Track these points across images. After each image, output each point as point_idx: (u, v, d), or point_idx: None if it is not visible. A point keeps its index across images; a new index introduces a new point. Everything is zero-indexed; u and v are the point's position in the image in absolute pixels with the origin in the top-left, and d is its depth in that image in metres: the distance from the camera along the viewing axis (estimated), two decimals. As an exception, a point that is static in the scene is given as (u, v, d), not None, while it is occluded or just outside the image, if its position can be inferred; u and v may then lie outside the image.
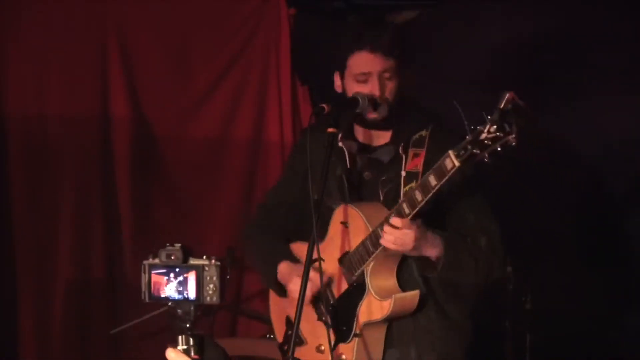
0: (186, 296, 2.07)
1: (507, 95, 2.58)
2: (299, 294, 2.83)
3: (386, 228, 2.89)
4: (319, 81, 5.08)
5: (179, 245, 2.09)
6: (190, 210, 5.09)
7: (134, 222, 4.99)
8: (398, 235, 2.87)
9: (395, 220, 2.88)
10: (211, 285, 2.06)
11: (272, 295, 3.37)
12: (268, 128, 5.09)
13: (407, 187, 3.00)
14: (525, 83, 4.58)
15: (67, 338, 4.90)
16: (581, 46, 4.44)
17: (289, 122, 5.07)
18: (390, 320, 3.04)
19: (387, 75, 3.04)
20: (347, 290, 3.08)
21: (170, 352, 2.01)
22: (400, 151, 3.07)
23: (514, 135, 2.59)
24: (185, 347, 2.08)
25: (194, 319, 2.08)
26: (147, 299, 2.08)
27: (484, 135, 2.62)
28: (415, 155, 3.05)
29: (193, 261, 2.06)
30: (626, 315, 4.39)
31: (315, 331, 3.15)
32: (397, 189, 3.04)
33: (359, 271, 3.02)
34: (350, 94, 3.08)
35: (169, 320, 2.17)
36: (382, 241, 2.90)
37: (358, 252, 3.01)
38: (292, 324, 3.18)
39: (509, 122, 2.59)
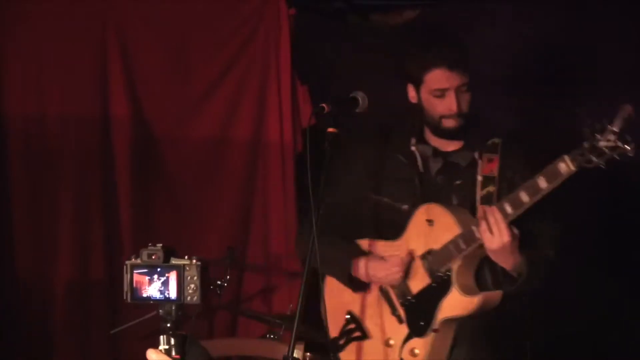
0: (167, 296, 2.07)
1: (628, 107, 2.69)
2: (300, 287, 2.87)
3: (488, 216, 2.97)
4: (319, 81, 5.09)
5: (161, 245, 2.10)
6: (190, 210, 5.08)
7: (133, 222, 4.99)
8: (494, 228, 2.95)
9: (497, 215, 2.96)
10: (192, 285, 2.06)
11: (329, 289, 3.42)
12: (268, 128, 5.09)
13: (484, 191, 3.11)
14: (527, 82, 4.58)
15: (67, 338, 4.90)
16: (584, 45, 4.43)
17: (289, 122, 5.07)
18: (464, 319, 3.15)
19: (463, 89, 3.17)
20: (428, 287, 3.16)
21: (150, 353, 2.02)
22: (476, 156, 3.18)
23: (633, 146, 2.71)
24: (166, 347, 2.09)
25: (176, 318, 2.09)
26: (129, 299, 2.09)
27: (602, 143, 2.72)
28: (490, 160, 3.16)
29: (174, 261, 2.07)
30: (626, 315, 4.39)
31: (384, 326, 3.24)
32: (472, 194, 3.15)
33: (445, 268, 3.10)
34: (427, 107, 3.21)
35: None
36: (480, 227, 2.97)
37: (447, 249, 3.10)
38: (355, 319, 3.31)
39: (629, 132, 2.70)
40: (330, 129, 2.99)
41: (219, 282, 4.64)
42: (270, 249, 5.10)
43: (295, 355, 2.82)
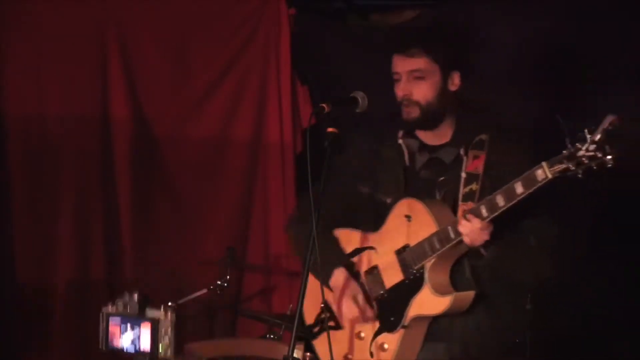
0: (140, 349, 2.06)
1: (611, 117, 2.62)
2: (300, 287, 2.86)
3: (464, 222, 2.94)
4: (319, 81, 5.09)
5: (136, 295, 2.09)
6: (190, 210, 5.09)
7: (133, 222, 4.99)
8: (474, 230, 2.93)
9: (474, 220, 2.93)
10: (166, 339, 2.04)
11: (313, 278, 3.41)
12: (268, 128, 5.09)
13: (466, 188, 3.06)
14: (527, 83, 4.58)
15: (67, 338, 4.91)
16: (586, 45, 4.43)
17: (289, 122, 5.08)
18: (438, 317, 3.11)
19: (416, 74, 3.13)
20: (401, 283, 3.13)
21: None
22: (461, 152, 3.14)
23: (611, 157, 2.63)
24: None
25: None
26: (104, 348, 2.09)
27: (581, 153, 2.66)
28: (475, 157, 3.11)
29: (149, 312, 2.05)
30: (626, 315, 4.39)
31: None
32: (456, 190, 3.09)
33: (418, 265, 3.07)
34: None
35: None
36: (459, 227, 2.95)
37: (421, 247, 3.07)
38: (329, 308, 3.27)
39: (610, 143, 2.63)
40: (330, 129, 2.99)
41: (219, 282, 4.64)
42: (270, 249, 5.11)
43: (295, 355, 2.82)
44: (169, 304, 4.55)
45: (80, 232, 4.93)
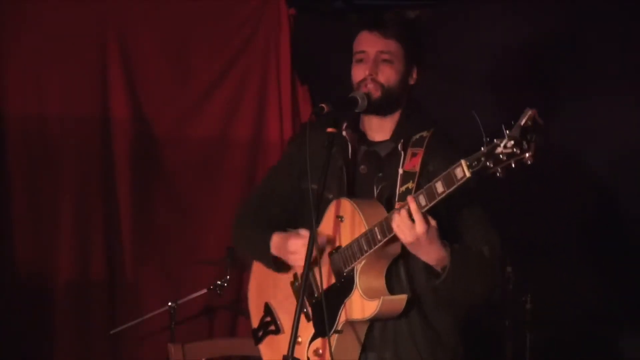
0: None
1: (530, 112, 2.50)
2: (301, 288, 2.83)
3: (397, 213, 2.82)
4: (319, 81, 5.09)
5: None
6: (190, 209, 5.09)
7: (133, 222, 4.99)
8: (405, 224, 2.79)
9: (413, 205, 2.77)
10: None
11: (253, 281, 3.34)
12: (268, 128, 5.10)
13: (403, 187, 2.96)
14: (527, 83, 4.58)
15: (67, 338, 4.91)
16: (585, 45, 4.43)
17: (289, 122, 5.08)
18: (373, 322, 3.00)
19: (385, 57, 3.03)
20: (333, 286, 3.02)
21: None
22: (399, 148, 3.03)
23: (530, 154, 2.51)
24: None
25: None
26: None
27: (499, 150, 2.54)
28: (414, 154, 3.00)
29: None
30: (626, 315, 4.40)
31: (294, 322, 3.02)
32: (392, 187, 2.99)
33: (349, 268, 2.97)
34: (352, 78, 3.08)
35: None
36: (392, 223, 2.81)
37: (351, 248, 2.97)
38: (270, 311, 3.21)
39: (527, 139, 2.50)
40: (330, 129, 2.97)
41: (219, 282, 4.64)
42: (270, 249, 5.11)
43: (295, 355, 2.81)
44: (169, 303, 4.63)
45: (80, 232, 4.93)
